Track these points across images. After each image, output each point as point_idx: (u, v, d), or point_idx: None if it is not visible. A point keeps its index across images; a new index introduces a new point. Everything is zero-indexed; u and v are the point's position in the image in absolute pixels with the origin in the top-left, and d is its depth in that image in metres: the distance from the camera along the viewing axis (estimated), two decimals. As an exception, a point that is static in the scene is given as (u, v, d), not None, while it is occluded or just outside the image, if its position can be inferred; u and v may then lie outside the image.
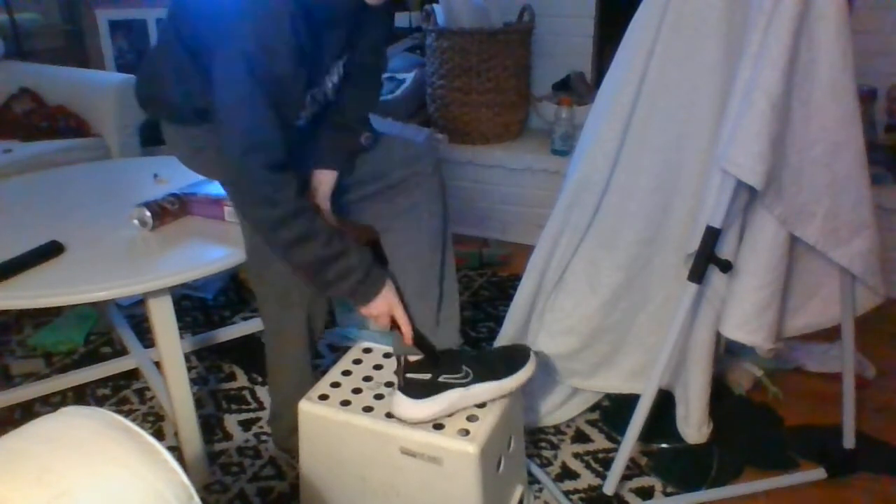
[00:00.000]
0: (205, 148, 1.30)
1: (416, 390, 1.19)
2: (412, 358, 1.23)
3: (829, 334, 1.51)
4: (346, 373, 1.34)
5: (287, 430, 1.45)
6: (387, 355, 1.40)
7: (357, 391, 1.28)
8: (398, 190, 1.32)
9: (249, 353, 1.95)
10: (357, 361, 1.38)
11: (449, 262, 1.35)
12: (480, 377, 1.22)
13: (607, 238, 1.46)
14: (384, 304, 1.22)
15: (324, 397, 1.27)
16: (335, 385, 1.30)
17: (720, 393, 1.70)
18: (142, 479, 0.62)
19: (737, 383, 1.77)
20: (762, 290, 1.29)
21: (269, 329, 1.43)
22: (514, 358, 1.27)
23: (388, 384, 1.30)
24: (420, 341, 1.25)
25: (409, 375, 1.20)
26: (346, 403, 1.25)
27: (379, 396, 1.27)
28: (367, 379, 1.32)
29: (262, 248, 1.30)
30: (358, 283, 1.18)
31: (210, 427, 1.67)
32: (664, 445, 1.59)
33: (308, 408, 1.25)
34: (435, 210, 1.32)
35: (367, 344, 1.44)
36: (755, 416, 1.70)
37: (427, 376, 1.19)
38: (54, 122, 2.39)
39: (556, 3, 2.69)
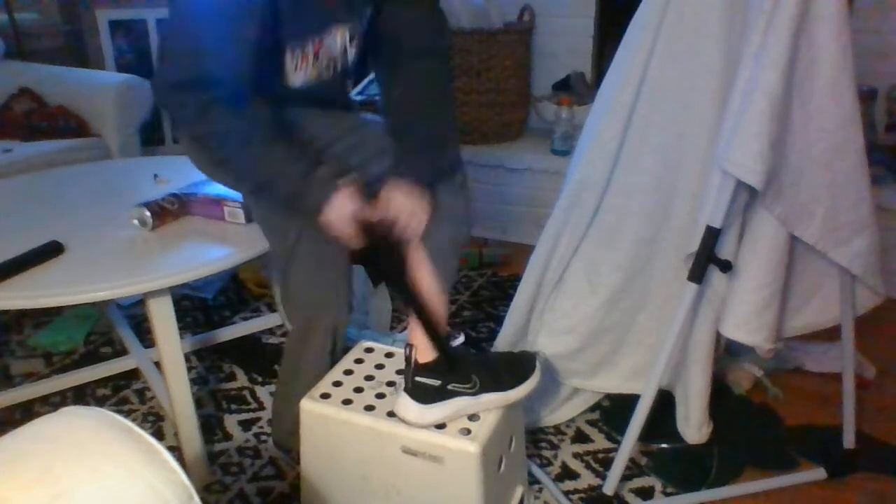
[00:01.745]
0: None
1: (424, 395, 1.18)
2: (421, 360, 1.22)
3: (829, 334, 1.51)
4: (348, 372, 1.34)
5: (287, 430, 1.45)
6: (388, 355, 1.40)
7: (359, 390, 1.28)
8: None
9: (249, 353, 1.95)
10: (359, 361, 1.38)
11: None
12: (487, 387, 1.21)
13: (607, 238, 1.46)
14: (341, 208, 1.15)
15: (325, 396, 1.27)
16: (337, 384, 1.30)
17: (720, 393, 1.70)
18: (142, 479, 0.62)
19: (737, 383, 1.76)
20: (762, 290, 1.29)
21: (295, 332, 1.40)
22: (519, 366, 1.26)
23: (390, 383, 1.30)
24: (434, 335, 1.20)
25: (417, 379, 1.18)
26: (347, 402, 1.25)
27: (381, 395, 1.26)
28: (369, 378, 1.32)
29: (286, 253, 1.28)
30: (301, 182, 1.14)
31: (210, 427, 1.67)
32: (664, 445, 1.59)
33: (310, 406, 1.25)
34: (456, 215, 1.30)
35: (368, 343, 1.44)
36: (755, 416, 1.70)
37: (437, 382, 1.18)
38: (54, 122, 2.39)
39: (556, 3, 2.69)
